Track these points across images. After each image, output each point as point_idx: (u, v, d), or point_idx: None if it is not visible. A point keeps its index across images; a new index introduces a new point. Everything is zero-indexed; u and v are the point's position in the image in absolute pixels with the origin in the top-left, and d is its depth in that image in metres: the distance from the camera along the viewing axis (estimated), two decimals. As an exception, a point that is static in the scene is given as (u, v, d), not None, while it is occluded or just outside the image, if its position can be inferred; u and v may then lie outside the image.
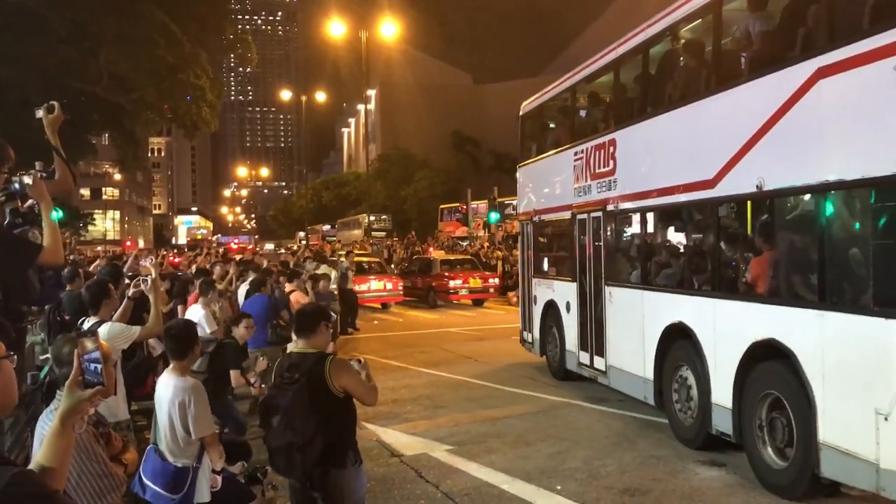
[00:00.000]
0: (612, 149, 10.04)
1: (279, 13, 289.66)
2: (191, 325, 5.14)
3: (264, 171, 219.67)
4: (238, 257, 21.57)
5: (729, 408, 7.20)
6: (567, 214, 11.51)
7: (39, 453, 2.23)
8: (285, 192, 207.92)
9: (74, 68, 26.99)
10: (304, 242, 58.90)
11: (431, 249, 36.26)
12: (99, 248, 59.43)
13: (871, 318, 5.46)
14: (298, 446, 4.26)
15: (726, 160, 7.31)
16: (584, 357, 10.89)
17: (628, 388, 9.66)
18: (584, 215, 10.86)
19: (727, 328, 7.37)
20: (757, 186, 6.83)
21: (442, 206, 49.21)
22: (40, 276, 3.76)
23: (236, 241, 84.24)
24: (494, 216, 37.87)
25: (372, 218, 55.90)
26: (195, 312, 8.39)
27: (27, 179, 3.60)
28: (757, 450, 6.81)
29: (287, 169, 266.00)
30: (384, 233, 54.55)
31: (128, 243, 71.19)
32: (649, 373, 8.86)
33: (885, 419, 5.26)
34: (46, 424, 3.10)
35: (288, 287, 11.70)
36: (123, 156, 36.41)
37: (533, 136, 14.03)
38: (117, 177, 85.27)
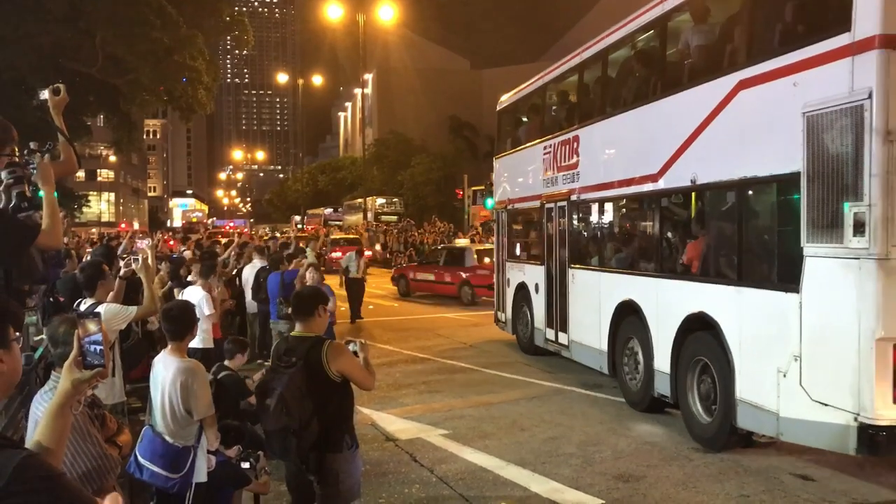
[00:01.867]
0: (575, 144, 11.14)
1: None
2: (189, 307, 5.12)
3: (260, 155, 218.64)
4: (224, 241, 20.79)
5: (668, 373, 8.30)
6: (537, 203, 12.55)
7: (37, 432, 2.22)
8: (281, 175, 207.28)
9: (69, 49, 26.84)
10: (299, 227, 57.86)
11: (460, 236, 35.06)
12: (94, 230, 59.26)
13: (774, 293, 6.65)
14: (294, 430, 4.25)
15: (668, 157, 8.43)
16: (550, 333, 11.97)
17: (587, 360, 10.75)
18: (552, 204, 11.92)
19: (667, 304, 8.50)
20: (691, 181, 8.01)
21: (474, 189, 45.29)
22: (42, 256, 3.74)
23: (231, 224, 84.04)
24: (490, 202, 37.79)
25: (382, 201, 52.80)
26: (195, 293, 8.37)
27: (36, 161, 3.60)
28: (689, 408, 7.93)
29: (283, 152, 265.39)
30: (396, 217, 52.53)
31: (122, 226, 71.04)
32: (604, 345, 9.98)
33: (784, 376, 6.46)
34: (42, 405, 3.09)
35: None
36: (118, 138, 36.19)
37: (508, 130, 15.08)
38: (112, 159, 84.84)
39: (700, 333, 7.78)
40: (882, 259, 5.68)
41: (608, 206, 10.49)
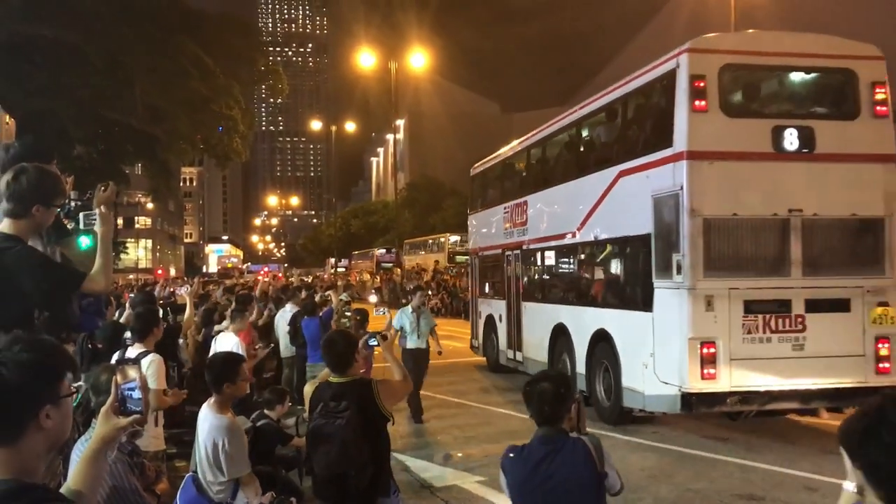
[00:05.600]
0: (525, 207, 14.64)
1: (310, 45, 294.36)
2: (230, 358, 5.02)
3: (294, 200, 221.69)
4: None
5: (584, 374, 11.42)
6: (499, 251, 16.06)
7: (71, 478, 2.21)
8: (314, 220, 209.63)
9: (109, 99, 27.56)
10: (333, 271, 56.89)
11: None
12: (131, 276, 60.12)
13: (640, 313, 9.83)
14: (353, 474, 4.27)
15: (581, 219, 11.89)
16: (510, 353, 15.10)
17: (535, 371, 12.49)
18: (509, 252, 15.38)
19: (583, 325, 11.68)
20: (594, 237, 11.59)
21: None
22: (80, 304, 3.79)
23: (265, 269, 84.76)
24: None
25: (455, 238, 44.65)
26: (228, 340, 8.38)
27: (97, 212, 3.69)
28: (596, 396, 11.00)
29: (316, 198, 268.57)
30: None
31: (159, 272, 71.98)
32: (546, 359, 13.02)
33: (646, 367, 9.51)
34: (80, 452, 3.09)
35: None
36: (156, 185, 36.93)
37: (478, 193, 18.82)
38: (150, 206, 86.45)
39: (602, 344, 10.97)
40: (692, 289, 8.93)
41: (547, 254, 13.94)
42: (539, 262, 14.29)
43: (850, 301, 9.22)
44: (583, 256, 12.47)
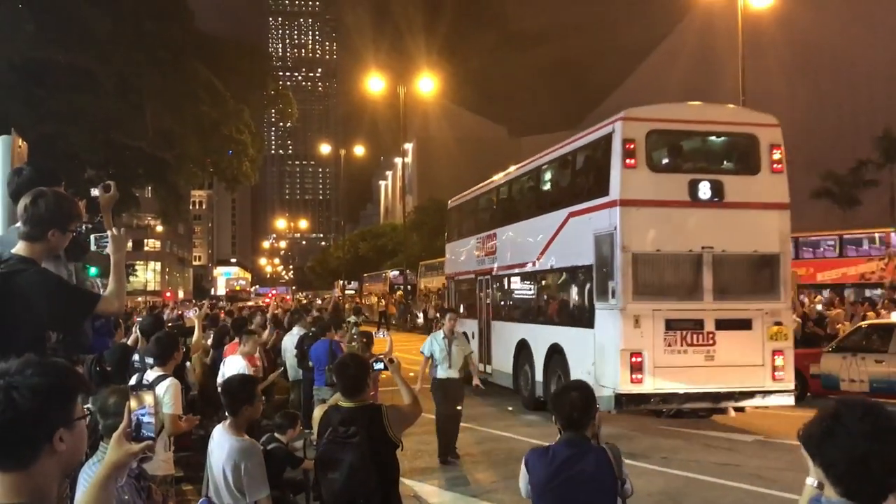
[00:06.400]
0: (494, 238, 17.02)
1: (319, 69, 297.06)
2: (248, 380, 4.99)
3: (303, 223, 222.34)
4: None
5: (542, 381, 13.47)
6: (472, 276, 18.31)
7: (80, 502, 2.20)
8: (322, 243, 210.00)
9: (120, 123, 27.75)
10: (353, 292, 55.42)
11: None
12: (139, 298, 60.26)
13: (585, 329, 11.93)
14: (361, 501, 4.27)
15: (540, 250, 14.22)
16: (482, 366, 16.00)
17: (502, 381, 15.70)
18: (481, 277, 17.68)
19: (542, 340, 13.71)
20: (550, 266, 13.92)
21: None
22: (93, 325, 3.80)
23: (273, 292, 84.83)
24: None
25: None
26: (236, 363, 8.36)
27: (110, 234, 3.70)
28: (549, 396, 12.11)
29: (325, 221, 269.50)
30: None
31: (168, 294, 72.17)
32: (510, 370, 15.22)
33: (589, 374, 11.15)
34: (89, 476, 3.09)
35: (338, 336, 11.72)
36: (166, 208, 37.00)
37: (454, 224, 21.47)
38: (159, 229, 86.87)
39: (556, 356, 12.97)
40: (623, 310, 10.97)
41: (513, 279, 16.22)
42: (506, 287, 16.58)
43: (752, 321, 11.37)
44: (541, 282, 14.76)
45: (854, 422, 1.96)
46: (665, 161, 12.03)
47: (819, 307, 21.34)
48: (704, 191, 11.51)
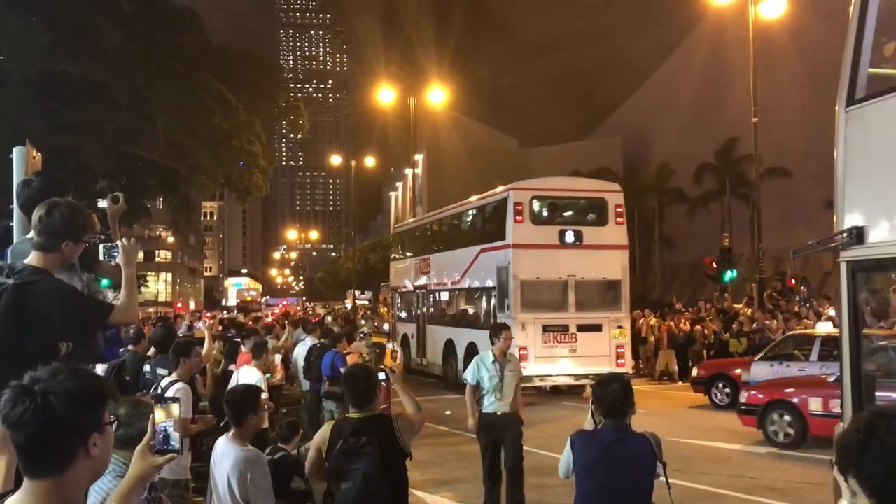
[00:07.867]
0: (428, 261, 22.65)
1: (330, 81, 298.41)
2: (251, 390, 4.99)
3: (313, 234, 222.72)
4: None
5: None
6: (412, 289, 23.96)
7: None
8: (333, 254, 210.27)
9: (132, 135, 27.91)
10: (367, 302, 55.71)
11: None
12: (150, 309, 60.43)
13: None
14: None
15: (461, 273, 19.72)
16: (418, 360, 22.50)
17: (435, 371, 20.86)
18: (418, 291, 23.28)
19: (462, 340, 18.77)
20: (468, 285, 19.55)
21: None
22: (104, 335, 3.81)
23: (284, 302, 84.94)
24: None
25: None
26: (251, 375, 8.35)
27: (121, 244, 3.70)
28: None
29: (335, 232, 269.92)
30: None
31: (178, 305, 72.36)
32: (440, 362, 20.44)
33: None
34: (102, 488, 3.08)
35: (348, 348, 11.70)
36: (177, 219, 37.16)
37: (399, 245, 27.77)
38: (170, 240, 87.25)
39: (472, 351, 16.28)
40: (515, 318, 15.86)
41: (442, 294, 21.62)
42: (437, 299, 22.05)
43: (602, 325, 16.79)
44: (462, 297, 20.33)
45: (890, 434, 1.95)
46: (543, 216, 17.80)
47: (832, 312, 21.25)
48: (569, 237, 17.06)
